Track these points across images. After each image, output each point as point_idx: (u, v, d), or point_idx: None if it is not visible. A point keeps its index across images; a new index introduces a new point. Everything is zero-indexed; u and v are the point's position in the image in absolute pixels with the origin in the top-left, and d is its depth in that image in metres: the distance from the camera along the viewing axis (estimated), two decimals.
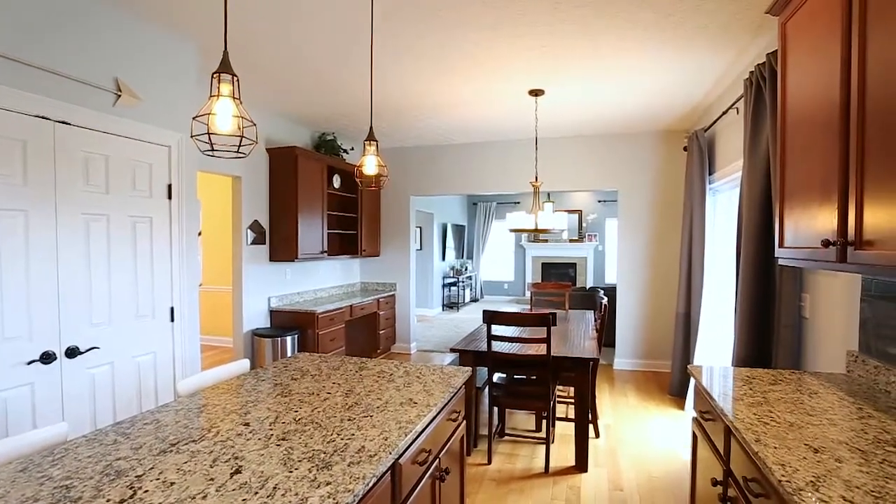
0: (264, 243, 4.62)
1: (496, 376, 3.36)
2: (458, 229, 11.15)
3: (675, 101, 4.21)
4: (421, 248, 9.58)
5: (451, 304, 10.34)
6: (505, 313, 2.97)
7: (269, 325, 4.72)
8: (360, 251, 5.85)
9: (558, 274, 11.45)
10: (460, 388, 1.97)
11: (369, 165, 1.99)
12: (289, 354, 4.41)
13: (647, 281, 5.44)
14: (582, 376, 3.00)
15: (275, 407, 1.62)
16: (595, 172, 5.59)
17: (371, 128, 2.07)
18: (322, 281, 5.66)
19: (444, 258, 10.20)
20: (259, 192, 4.56)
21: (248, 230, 4.41)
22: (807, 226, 1.71)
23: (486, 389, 3.30)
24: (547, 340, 2.90)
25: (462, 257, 11.50)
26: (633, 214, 5.48)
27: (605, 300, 3.53)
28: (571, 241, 11.21)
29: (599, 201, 10.96)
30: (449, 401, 1.82)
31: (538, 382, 3.11)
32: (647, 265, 5.43)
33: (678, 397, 4.45)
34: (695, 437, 2.10)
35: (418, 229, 9.49)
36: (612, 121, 4.91)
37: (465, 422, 2.05)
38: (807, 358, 2.41)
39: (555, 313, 2.88)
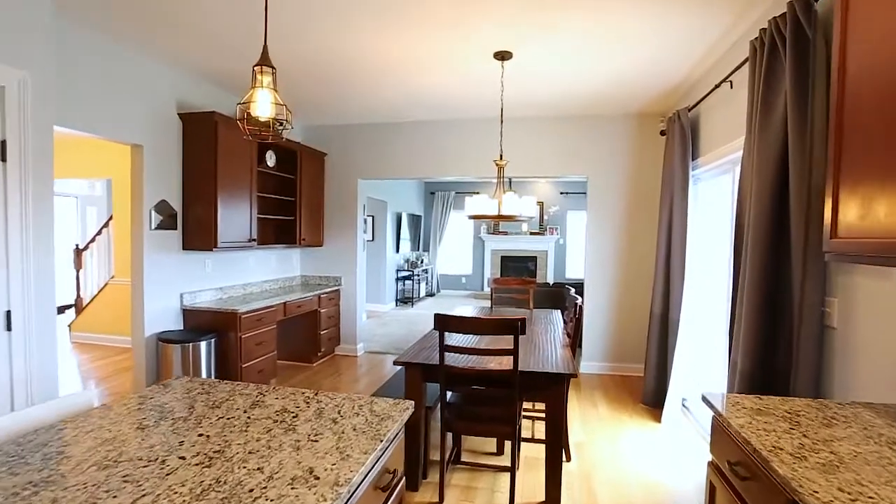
0: (175, 228, 3.83)
1: (450, 394, 2.77)
2: (414, 219, 10.51)
3: (658, 75, 3.72)
4: (373, 239, 8.87)
5: (405, 300, 9.70)
6: (461, 318, 2.38)
7: (181, 328, 3.94)
8: (299, 240, 5.12)
9: (518, 268, 11.02)
10: (397, 435, 1.36)
11: (262, 103, 1.33)
12: (203, 362, 3.66)
13: (618, 277, 5.00)
14: (556, 396, 2.45)
15: (70, 495, 0.95)
16: (562, 158, 5.09)
17: (265, 46, 1.40)
18: (253, 274, 4.89)
19: (398, 250, 9.54)
20: (168, 166, 3.76)
21: (153, 212, 3.61)
22: (890, 210, 1.20)
23: (438, 408, 2.72)
24: (514, 353, 2.33)
25: (418, 249, 10.87)
26: (603, 204, 5.02)
27: (579, 300, 3.01)
28: (532, 233, 10.79)
29: (562, 193, 10.58)
30: (376, 462, 1.20)
31: (502, 402, 2.55)
32: (618, 260, 4.99)
33: (653, 407, 4.02)
34: (712, 488, 1.58)
35: (370, 218, 8.78)
36: (584, 100, 4.40)
37: (403, 479, 1.45)
38: (833, 378, 1.94)
39: (523, 319, 2.31)
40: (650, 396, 4.06)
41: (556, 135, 5.07)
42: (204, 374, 3.65)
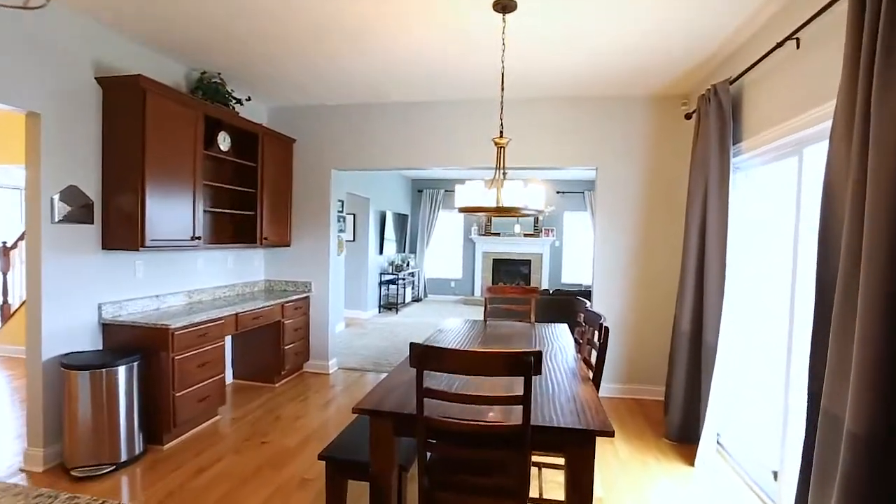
0: (90, 222, 3.05)
1: (434, 449, 2.03)
2: (400, 219, 9.76)
3: (687, 43, 3.04)
4: (354, 240, 8.12)
5: (389, 306, 8.95)
6: (447, 352, 1.65)
7: (100, 347, 3.16)
8: (261, 239, 4.36)
9: (511, 272, 10.34)
10: None
11: None
12: (122, 392, 2.88)
13: (632, 286, 4.31)
14: (581, 459, 1.73)
15: None
16: (567, 147, 4.39)
17: None
18: (203, 279, 4.12)
19: (381, 251, 8.78)
20: (82, 144, 2.99)
21: (57, 200, 2.83)
22: None
23: (417, 467, 1.97)
24: (525, 402, 1.61)
25: (404, 251, 10.12)
26: (614, 201, 4.33)
27: (603, 319, 2.30)
28: (526, 235, 10.11)
29: (558, 192, 9.90)
30: None
31: (506, 469, 1.83)
32: (632, 266, 4.30)
33: (679, 443, 3.33)
34: None
35: (351, 217, 8.02)
36: (593, 78, 3.71)
37: None
38: None
39: (538, 354, 1.60)
40: (676, 431, 3.36)
41: (561, 120, 4.38)
42: (122, 408, 2.87)
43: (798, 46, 2.39)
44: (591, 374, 2.35)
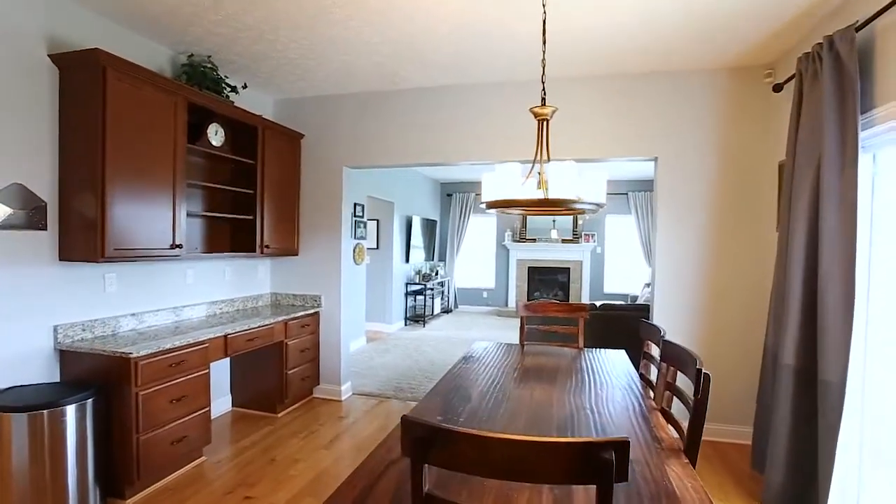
0: (43, 228, 2.53)
1: None
2: (429, 224, 9.13)
3: None
4: (378, 247, 7.53)
5: (416, 318, 8.31)
6: (464, 437, 0.97)
7: (57, 379, 2.63)
8: (262, 248, 3.79)
9: (548, 281, 9.53)
10: None
11: None
12: (72, 438, 2.32)
13: (701, 299, 3.50)
14: None
15: None
16: (620, 135, 3.65)
17: None
18: (194, 294, 3.58)
19: (407, 260, 8.16)
20: (31, 135, 2.47)
21: None
22: None
23: None
24: None
25: (432, 259, 9.48)
26: (678, 199, 3.55)
27: (700, 364, 1.55)
28: (564, 241, 9.30)
29: None
30: None
31: None
32: (701, 275, 3.50)
33: None
34: None
35: (374, 222, 7.45)
36: (652, 48, 2.97)
37: None
38: None
39: (626, 444, 0.90)
40: (778, 496, 2.54)
41: (610, 102, 3.64)
42: (71, 457, 2.31)
43: None
44: (681, 442, 1.62)
